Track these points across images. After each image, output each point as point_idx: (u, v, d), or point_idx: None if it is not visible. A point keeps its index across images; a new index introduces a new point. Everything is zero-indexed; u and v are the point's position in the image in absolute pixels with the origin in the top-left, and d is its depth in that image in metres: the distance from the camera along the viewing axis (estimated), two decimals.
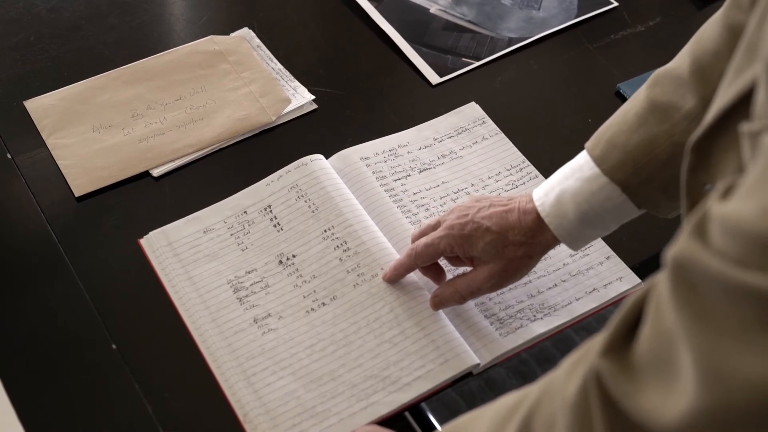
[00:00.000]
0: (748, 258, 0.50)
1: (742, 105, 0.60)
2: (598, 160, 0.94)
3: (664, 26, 1.40)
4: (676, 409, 0.53)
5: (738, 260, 0.50)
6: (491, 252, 0.97)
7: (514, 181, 1.18)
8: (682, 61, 0.92)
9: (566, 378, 0.63)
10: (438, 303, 1.02)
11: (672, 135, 0.90)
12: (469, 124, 1.24)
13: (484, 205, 0.99)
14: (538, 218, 0.96)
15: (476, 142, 1.22)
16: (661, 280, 0.56)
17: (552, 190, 0.96)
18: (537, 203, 0.97)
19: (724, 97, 0.64)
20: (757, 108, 0.56)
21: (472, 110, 1.26)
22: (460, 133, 1.23)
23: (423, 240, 1.01)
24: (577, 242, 0.97)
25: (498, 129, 1.24)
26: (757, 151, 0.53)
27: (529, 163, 1.20)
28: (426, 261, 1.02)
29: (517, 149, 1.22)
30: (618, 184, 0.92)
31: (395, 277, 1.04)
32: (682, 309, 0.53)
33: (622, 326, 0.60)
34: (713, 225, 0.53)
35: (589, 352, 0.62)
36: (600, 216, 0.94)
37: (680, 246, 0.54)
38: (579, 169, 0.95)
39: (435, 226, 1.02)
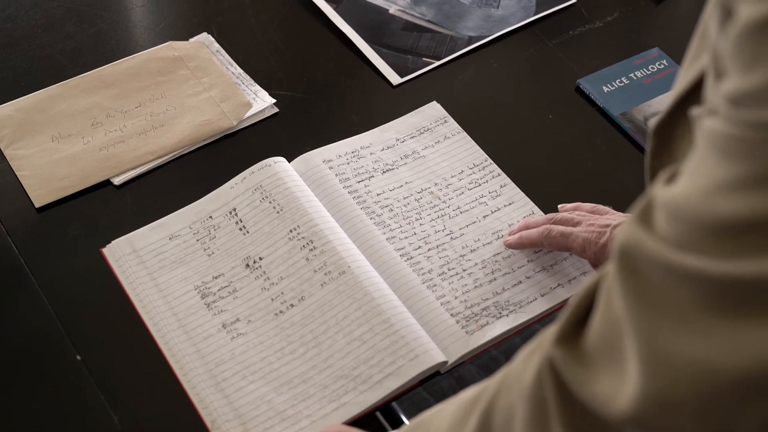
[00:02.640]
0: (688, 240, 0.51)
1: (698, 90, 0.61)
2: None
3: (622, 21, 1.41)
4: (624, 396, 0.54)
5: (678, 243, 0.51)
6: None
7: (477, 179, 1.18)
8: None
9: (523, 367, 0.64)
10: (520, 229, 1.10)
11: None
12: (431, 124, 1.24)
13: (607, 217, 1.06)
14: None
15: (438, 141, 1.22)
16: (610, 267, 0.57)
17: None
18: None
19: (681, 82, 0.65)
20: (707, 93, 0.57)
21: (434, 110, 1.26)
22: (422, 133, 1.23)
23: (561, 229, 1.06)
24: None
25: (460, 128, 1.24)
26: (698, 135, 0.54)
27: (492, 161, 1.20)
28: (553, 247, 1.08)
29: (479, 147, 1.22)
30: None
31: (518, 246, 1.10)
32: (627, 296, 0.54)
33: (574, 314, 0.61)
34: (657, 210, 0.54)
35: (543, 340, 0.63)
36: None
37: (625, 233, 0.55)
38: None
39: (574, 220, 1.08)
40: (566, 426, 0.60)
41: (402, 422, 0.97)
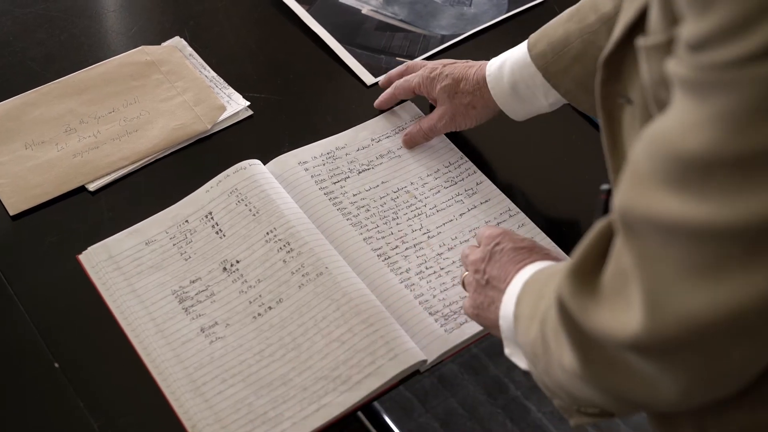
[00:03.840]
0: (665, 176, 0.57)
1: (643, 20, 0.66)
2: (530, 45, 1.10)
3: None
4: (627, 330, 0.62)
5: (656, 178, 0.58)
6: (444, 95, 1.17)
7: (453, 177, 1.18)
8: None
9: (550, 296, 0.74)
10: (408, 140, 1.21)
11: (583, 33, 1.04)
12: (406, 124, 1.24)
13: (456, 62, 1.19)
14: (485, 77, 1.14)
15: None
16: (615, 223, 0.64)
17: (502, 58, 1.14)
18: (488, 65, 1.15)
19: (627, 13, 0.69)
20: (651, 24, 0.63)
21: (408, 110, 1.26)
22: (397, 133, 1.23)
23: (402, 78, 1.24)
24: (512, 108, 1.14)
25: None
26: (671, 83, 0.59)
27: (467, 159, 1.21)
28: (402, 94, 1.24)
29: (454, 146, 1.22)
30: (539, 69, 1.08)
31: (381, 105, 1.25)
32: (630, 253, 0.62)
33: (588, 252, 0.69)
34: (642, 151, 0.60)
35: (561, 273, 0.71)
36: (528, 90, 1.11)
37: (620, 196, 0.62)
38: (521, 47, 1.12)
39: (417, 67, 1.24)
40: (577, 351, 0.69)
41: (385, 422, 0.97)
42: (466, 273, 0.98)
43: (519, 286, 0.87)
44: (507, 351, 0.89)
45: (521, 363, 0.87)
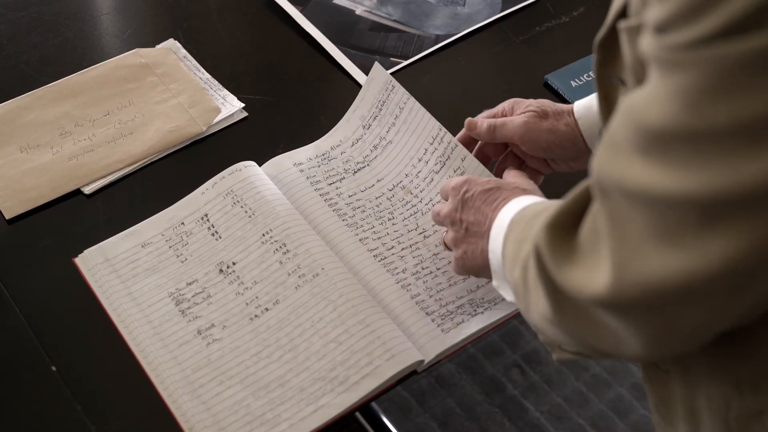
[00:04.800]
0: (634, 142, 0.61)
1: (629, 3, 0.68)
2: None
3: (588, 16, 1.42)
4: (594, 287, 0.66)
5: (625, 150, 0.61)
6: (532, 109, 1.09)
7: (440, 157, 1.14)
8: None
9: (528, 244, 0.77)
10: (472, 123, 1.12)
11: None
12: (383, 95, 1.20)
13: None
14: (573, 107, 1.09)
15: (396, 116, 1.19)
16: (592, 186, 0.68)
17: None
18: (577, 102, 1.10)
19: None
20: (631, 7, 0.66)
21: (379, 75, 1.21)
22: (381, 108, 1.20)
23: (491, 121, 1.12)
24: (596, 139, 1.06)
25: (408, 94, 1.19)
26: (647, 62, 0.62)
27: (446, 131, 1.14)
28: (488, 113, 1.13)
29: (430, 115, 1.17)
30: None
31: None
32: (603, 214, 0.65)
33: (568, 208, 0.72)
34: (616, 120, 0.63)
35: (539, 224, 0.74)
36: None
37: (597, 158, 0.65)
38: None
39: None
40: (551, 300, 0.73)
41: (383, 423, 0.97)
42: (445, 232, 1.00)
43: (504, 225, 0.89)
44: (495, 283, 0.93)
45: (507, 295, 0.91)
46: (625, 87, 0.72)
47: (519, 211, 0.89)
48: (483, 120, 1.10)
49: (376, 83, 1.21)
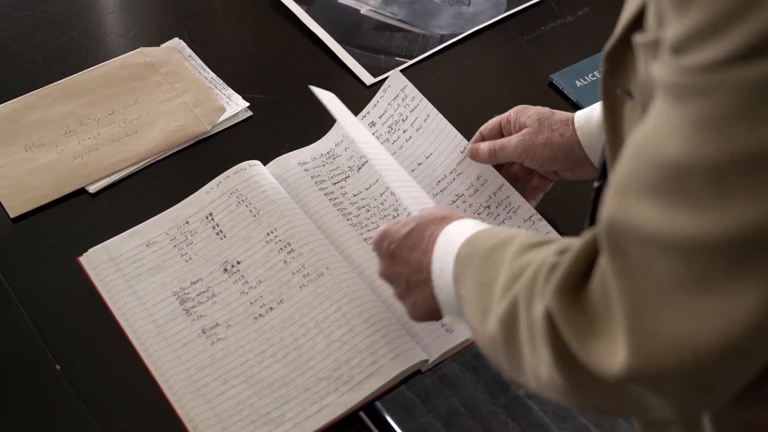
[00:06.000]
0: (649, 183, 0.55)
1: (644, 16, 0.64)
2: None
3: (593, 15, 1.42)
4: (614, 361, 0.59)
5: (640, 192, 0.56)
6: (536, 117, 1.08)
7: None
8: None
9: (529, 302, 0.69)
10: (473, 150, 1.13)
11: None
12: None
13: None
14: (573, 117, 1.07)
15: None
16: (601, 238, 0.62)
17: (594, 106, 1.06)
18: (578, 112, 1.08)
19: (629, 8, 0.68)
20: (648, 21, 0.62)
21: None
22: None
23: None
24: (594, 148, 1.04)
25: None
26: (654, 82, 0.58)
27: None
28: (489, 125, 1.13)
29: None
30: None
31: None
32: (615, 273, 0.59)
33: (576, 265, 0.65)
34: (624, 163, 0.58)
35: (547, 285, 0.67)
36: None
37: (608, 208, 0.60)
38: None
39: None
40: (563, 373, 0.65)
41: (387, 422, 0.97)
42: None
43: (446, 265, 0.83)
44: (447, 319, 0.88)
45: (465, 332, 0.87)
46: (632, 99, 0.70)
47: (461, 246, 0.82)
48: (483, 146, 1.12)
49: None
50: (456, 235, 0.84)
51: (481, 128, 1.14)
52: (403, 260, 0.89)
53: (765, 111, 0.50)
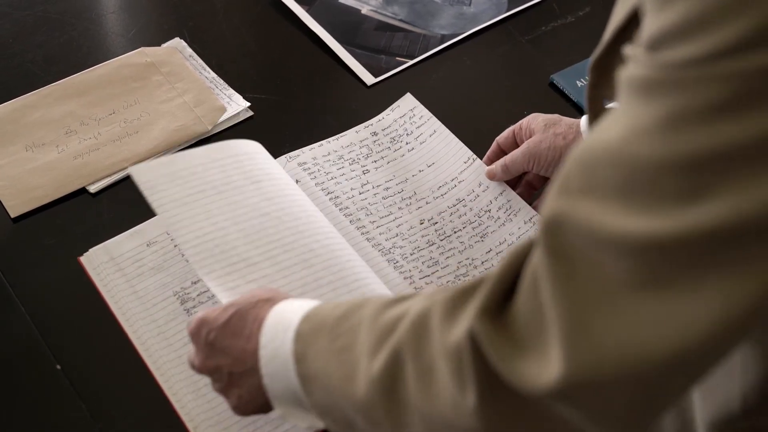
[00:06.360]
0: (606, 190, 0.52)
1: (632, 25, 0.62)
2: None
3: (594, 15, 1.42)
4: (547, 375, 0.54)
5: (594, 194, 0.52)
6: (542, 124, 1.11)
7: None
8: None
9: (444, 327, 0.63)
10: (490, 173, 1.14)
11: None
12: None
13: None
14: (578, 121, 1.09)
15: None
16: (537, 245, 0.57)
17: None
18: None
19: (617, 17, 0.66)
20: (640, 32, 0.57)
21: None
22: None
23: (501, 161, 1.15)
24: None
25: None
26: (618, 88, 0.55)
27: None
28: (504, 134, 1.16)
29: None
30: None
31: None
32: (552, 278, 0.54)
33: (498, 287, 0.61)
34: (573, 168, 0.55)
35: (467, 307, 0.62)
36: None
37: (549, 206, 0.55)
38: None
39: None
40: (482, 400, 0.60)
41: None
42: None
43: (283, 346, 0.76)
44: (279, 412, 0.81)
45: (303, 421, 0.80)
46: None
47: (300, 324, 0.76)
48: (496, 167, 1.14)
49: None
50: (287, 315, 0.78)
51: (497, 138, 1.16)
52: (225, 350, 0.81)
53: (750, 105, 0.48)
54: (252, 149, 1.04)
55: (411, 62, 1.34)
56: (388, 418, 0.68)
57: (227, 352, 0.80)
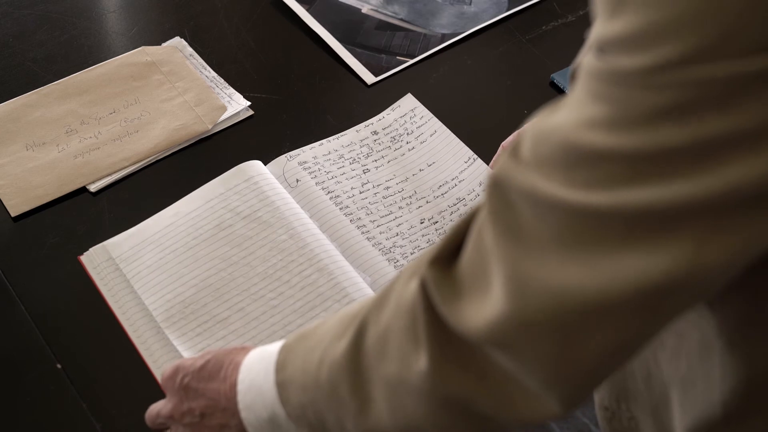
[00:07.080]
0: (550, 164, 0.55)
1: None
2: None
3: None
4: (485, 316, 0.59)
5: (540, 166, 0.56)
6: None
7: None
8: None
9: (402, 288, 0.67)
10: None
11: None
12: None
13: None
14: None
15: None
16: (483, 199, 0.61)
17: None
18: None
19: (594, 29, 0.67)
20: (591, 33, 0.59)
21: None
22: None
23: None
24: None
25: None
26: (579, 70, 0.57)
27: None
28: (510, 138, 1.13)
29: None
30: None
31: None
32: (496, 227, 0.59)
33: (451, 240, 0.65)
34: (525, 141, 0.58)
35: (421, 263, 0.66)
36: None
37: (499, 166, 0.59)
38: None
39: None
40: (431, 347, 0.63)
41: None
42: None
43: (262, 375, 0.78)
44: None
45: None
46: None
47: (279, 353, 0.78)
48: None
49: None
50: (265, 354, 0.79)
51: (503, 143, 1.15)
52: (198, 392, 0.82)
53: (691, 112, 0.50)
54: (229, 184, 1.11)
55: (411, 61, 1.34)
56: (353, 397, 0.70)
57: (202, 393, 0.82)
